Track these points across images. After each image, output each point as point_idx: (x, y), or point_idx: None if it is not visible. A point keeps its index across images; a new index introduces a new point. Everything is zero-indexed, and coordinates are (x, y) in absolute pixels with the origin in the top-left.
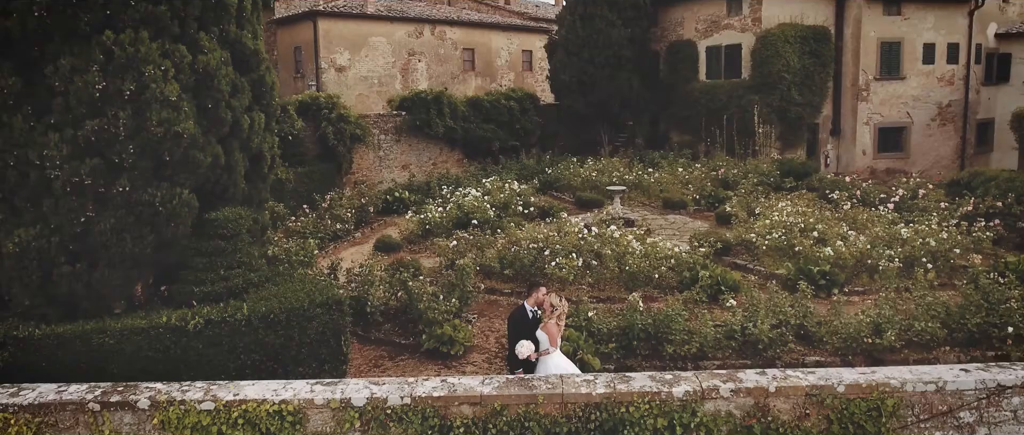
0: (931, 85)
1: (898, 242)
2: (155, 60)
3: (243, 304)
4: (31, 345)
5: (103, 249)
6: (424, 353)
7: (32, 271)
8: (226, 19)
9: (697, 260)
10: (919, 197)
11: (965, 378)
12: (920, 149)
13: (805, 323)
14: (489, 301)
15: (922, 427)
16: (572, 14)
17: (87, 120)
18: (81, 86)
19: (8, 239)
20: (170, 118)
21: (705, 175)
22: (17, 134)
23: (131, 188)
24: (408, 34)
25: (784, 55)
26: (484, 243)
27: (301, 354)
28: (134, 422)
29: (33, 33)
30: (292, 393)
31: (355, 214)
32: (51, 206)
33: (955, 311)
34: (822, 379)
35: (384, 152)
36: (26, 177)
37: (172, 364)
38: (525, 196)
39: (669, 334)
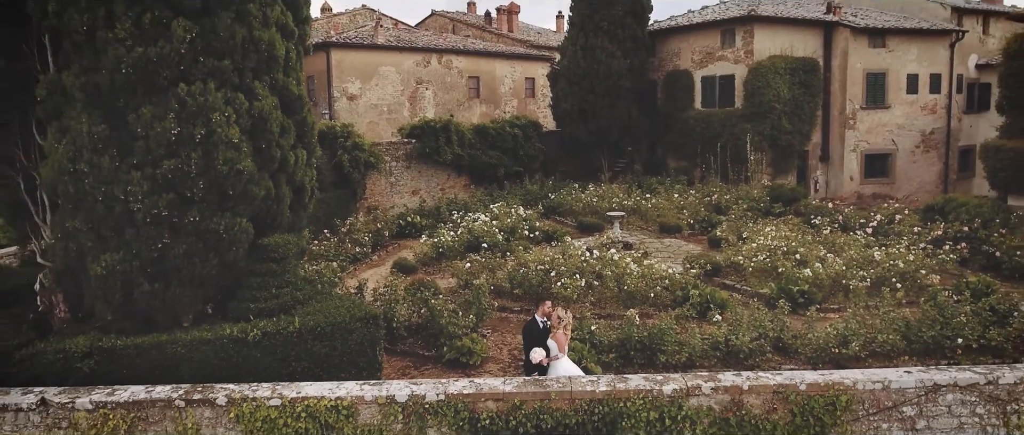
0: (915, 114)
1: (870, 264)
2: (220, 107)
3: (295, 318)
4: (114, 354)
5: (176, 271)
6: (445, 363)
7: (115, 290)
8: (275, 69)
9: (689, 281)
10: (895, 222)
11: (907, 379)
12: (905, 175)
13: (782, 336)
14: (501, 318)
15: (871, 419)
16: (574, 45)
17: (164, 160)
18: (160, 131)
19: (96, 263)
20: (233, 158)
21: (699, 201)
22: (105, 173)
23: (200, 218)
24: (416, 63)
25: (775, 86)
26: (495, 265)
27: (343, 362)
28: (213, 416)
29: (120, 87)
30: (345, 391)
31: (372, 238)
32: (133, 234)
33: (914, 325)
34: (788, 379)
35: (395, 178)
36: (112, 210)
37: (234, 370)
38: (531, 221)
39: (662, 346)
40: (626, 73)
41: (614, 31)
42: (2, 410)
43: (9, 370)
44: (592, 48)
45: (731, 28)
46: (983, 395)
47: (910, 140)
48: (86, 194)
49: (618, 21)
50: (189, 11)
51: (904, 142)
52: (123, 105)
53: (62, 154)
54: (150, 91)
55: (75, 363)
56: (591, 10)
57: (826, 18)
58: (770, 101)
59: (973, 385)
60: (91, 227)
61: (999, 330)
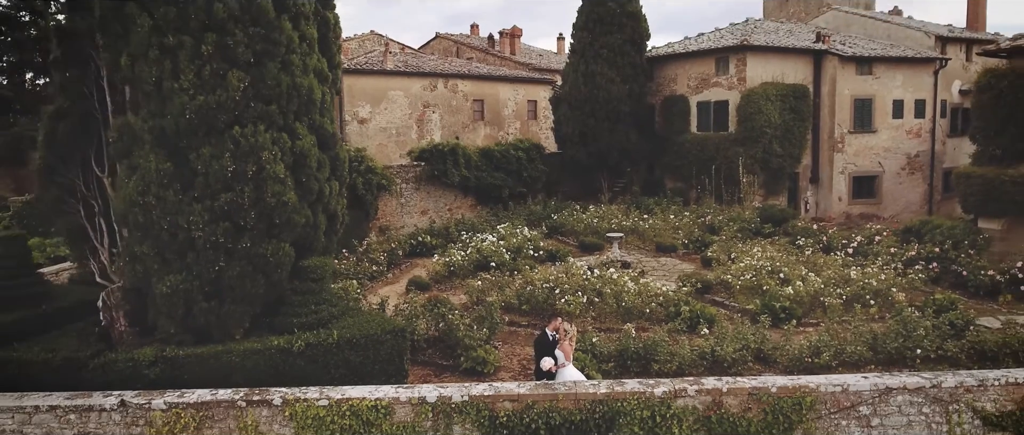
0: (900, 137)
1: (846, 283)
2: (268, 147)
3: (333, 331)
4: (177, 362)
5: (230, 290)
6: (462, 371)
7: (178, 307)
8: (313, 111)
9: (681, 298)
10: (875, 243)
11: (863, 383)
12: (891, 195)
13: (762, 347)
14: (510, 331)
15: (832, 417)
16: (575, 71)
17: (221, 193)
18: (217, 168)
19: (161, 284)
20: (279, 191)
21: (693, 222)
22: (170, 205)
23: (251, 244)
24: (423, 88)
25: (766, 112)
26: (504, 283)
27: (374, 369)
28: (269, 415)
29: (183, 130)
30: (383, 393)
31: (387, 257)
32: (193, 258)
33: (880, 337)
34: (761, 383)
35: (405, 199)
36: (176, 237)
37: (280, 376)
38: (535, 241)
39: (655, 355)
40: (625, 98)
41: (614, 58)
42: (88, 410)
43: (84, 377)
44: (593, 74)
45: (725, 56)
46: (929, 397)
47: (896, 162)
48: (153, 223)
49: (618, 49)
50: (242, 63)
51: (890, 164)
52: (185, 146)
53: (132, 188)
54: (209, 133)
55: (143, 370)
56: (592, 38)
57: (816, 47)
58: (762, 126)
59: (920, 388)
60: (157, 252)
61: (955, 342)
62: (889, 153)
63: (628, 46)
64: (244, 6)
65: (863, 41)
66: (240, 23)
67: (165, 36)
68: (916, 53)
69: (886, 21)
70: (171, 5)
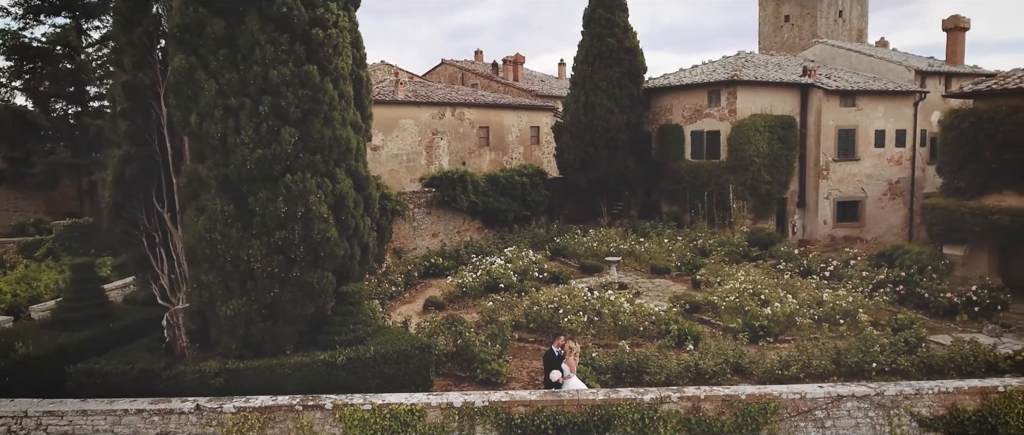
0: (882, 165)
1: (819, 304)
2: (314, 191)
3: (370, 346)
4: (238, 373)
5: (282, 312)
6: (478, 382)
7: (239, 327)
8: (350, 157)
9: (671, 317)
10: (850, 267)
11: (818, 391)
12: (874, 219)
13: (740, 361)
14: (520, 347)
15: (792, 420)
16: (576, 102)
17: (276, 231)
18: (272, 210)
19: (225, 307)
20: (324, 228)
21: (685, 245)
22: (233, 241)
23: (300, 273)
24: (432, 116)
25: (755, 142)
26: (512, 303)
27: (405, 380)
28: (321, 417)
29: (244, 177)
30: (416, 399)
31: (404, 278)
32: (252, 286)
33: (843, 353)
34: (733, 391)
35: (417, 223)
36: (238, 268)
37: (326, 385)
38: (540, 264)
39: (647, 368)
40: (623, 127)
41: (612, 90)
42: (168, 413)
43: (157, 386)
44: (592, 105)
45: (717, 89)
46: (873, 403)
47: (878, 188)
48: (218, 256)
49: (616, 81)
50: (293, 120)
51: (873, 190)
52: (246, 191)
53: (200, 226)
54: (265, 180)
55: (209, 380)
56: (592, 71)
57: (802, 81)
58: (751, 155)
59: (866, 396)
60: (221, 280)
61: (907, 357)
62: (872, 180)
63: (626, 79)
64: (295, 72)
65: (848, 74)
66: (291, 86)
67: (229, 98)
68: (897, 86)
69: (869, 55)
70: (234, 73)
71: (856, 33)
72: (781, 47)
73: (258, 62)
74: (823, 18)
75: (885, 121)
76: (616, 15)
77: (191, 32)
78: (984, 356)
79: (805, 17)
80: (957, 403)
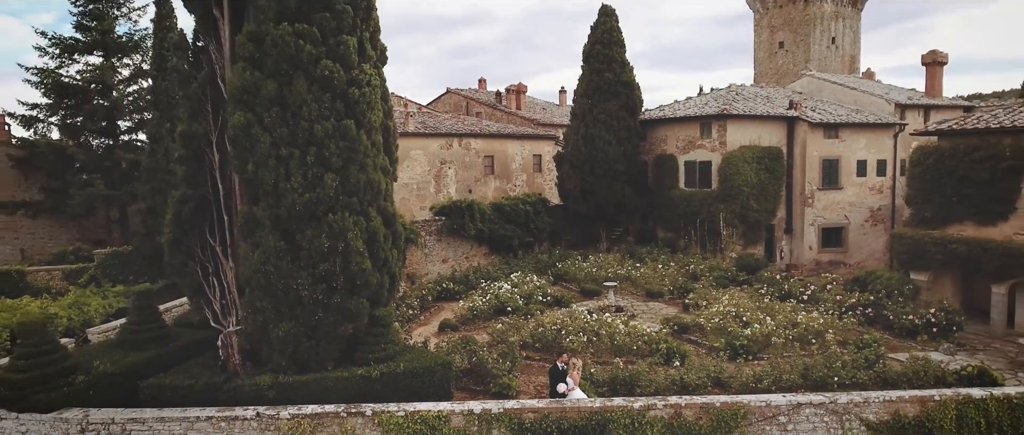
0: (864, 193)
1: (794, 325)
2: (351, 228)
3: (400, 363)
4: (287, 386)
5: (325, 334)
6: (491, 394)
7: (288, 346)
8: (380, 198)
9: (661, 338)
10: (826, 291)
11: (781, 400)
12: (856, 245)
13: (720, 376)
14: (527, 364)
15: (759, 425)
16: (576, 134)
17: (320, 264)
18: (317, 245)
19: (277, 329)
20: (360, 261)
21: (678, 271)
22: (283, 272)
23: (340, 300)
24: (440, 146)
25: (744, 172)
26: (520, 325)
27: (429, 393)
28: (363, 422)
29: (293, 217)
30: (442, 407)
31: (419, 302)
32: (300, 311)
33: (810, 368)
34: (709, 400)
35: (429, 249)
36: (288, 295)
37: (362, 396)
38: (544, 288)
39: (638, 382)
40: (621, 158)
41: (611, 122)
42: (233, 419)
43: (218, 397)
44: (592, 137)
45: (708, 122)
46: (828, 409)
47: (860, 215)
48: (271, 285)
49: (614, 114)
50: (334, 167)
51: (855, 217)
52: (294, 229)
53: (256, 259)
54: (311, 219)
55: (263, 392)
56: (591, 104)
57: (788, 114)
58: (739, 185)
59: (822, 404)
60: (274, 306)
61: (866, 372)
62: (854, 207)
63: (623, 111)
64: (335, 126)
65: (832, 106)
66: (333, 138)
67: (280, 149)
68: (878, 119)
69: (853, 88)
70: (285, 127)
71: (848, 59)
72: (776, 72)
73: (305, 118)
74: (816, 45)
75: (867, 152)
76: (614, 51)
77: (248, 92)
78: (934, 371)
79: (799, 44)
80: (900, 410)
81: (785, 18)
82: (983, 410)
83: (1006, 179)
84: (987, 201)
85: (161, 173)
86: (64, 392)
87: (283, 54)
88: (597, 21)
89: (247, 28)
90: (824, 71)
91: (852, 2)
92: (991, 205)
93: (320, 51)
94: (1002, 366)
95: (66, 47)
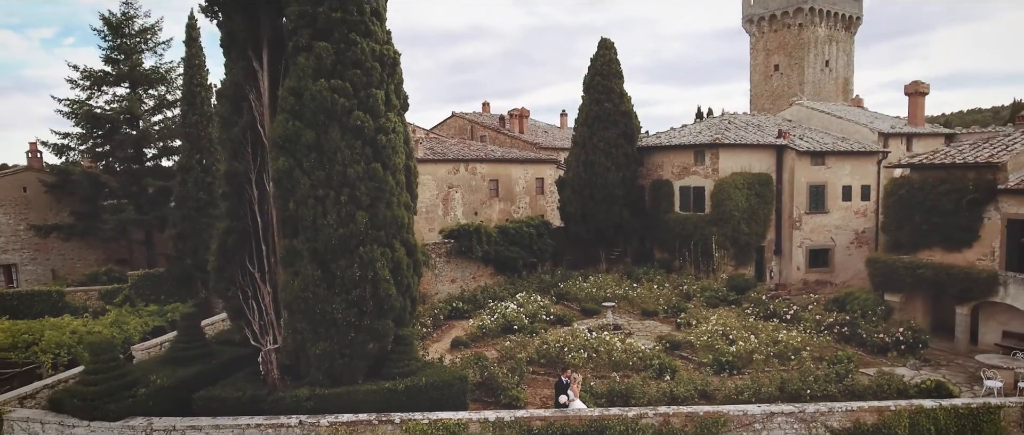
0: (849, 217)
1: (775, 343)
2: (379, 258)
3: (422, 377)
4: (323, 398)
5: (356, 351)
6: (501, 405)
7: (324, 363)
8: (404, 231)
9: (654, 354)
10: (807, 310)
11: (757, 409)
12: (842, 265)
13: (706, 388)
14: (532, 378)
15: (737, 431)
16: (577, 160)
17: (352, 290)
18: (349, 274)
19: (314, 347)
20: (386, 288)
21: (672, 291)
22: (321, 297)
23: (369, 322)
24: (448, 171)
25: (735, 198)
26: (525, 343)
27: (447, 404)
28: (392, 429)
29: (329, 250)
30: (462, 415)
31: (432, 320)
32: (334, 331)
33: (786, 382)
34: (693, 409)
35: (438, 270)
36: (324, 318)
37: (389, 406)
38: (547, 308)
39: (633, 394)
40: (619, 183)
41: (609, 149)
42: (278, 426)
43: (263, 408)
44: (592, 163)
45: (702, 150)
46: (797, 418)
47: (845, 238)
48: (310, 309)
49: (613, 142)
50: (364, 205)
51: (841, 239)
52: (330, 259)
53: (296, 286)
54: (344, 251)
55: (302, 403)
56: (591, 133)
57: (777, 143)
58: (731, 209)
59: (792, 413)
60: (312, 327)
61: (836, 385)
62: (840, 230)
63: (622, 139)
64: (365, 169)
65: (820, 134)
66: (363, 180)
67: (318, 190)
68: (862, 147)
69: (839, 117)
70: (322, 171)
71: (842, 81)
72: (771, 94)
73: (339, 162)
74: (810, 68)
75: (851, 178)
76: (612, 82)
77: (290, 140)
78: (896, 384)
79: (793, 67)
80: (860, 418)
81: (780, 42)
82: (933, 419)
83: (969, 210)
84: (953, 230)
85: (190, 201)
86: (129, 402)
87: (320, 107)
88: (596, 54)
89: (288, 83)
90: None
91: (845, 26)
92: (956, 233)
93: (352, 103)
94: (961, 380)
95: (96, 79)
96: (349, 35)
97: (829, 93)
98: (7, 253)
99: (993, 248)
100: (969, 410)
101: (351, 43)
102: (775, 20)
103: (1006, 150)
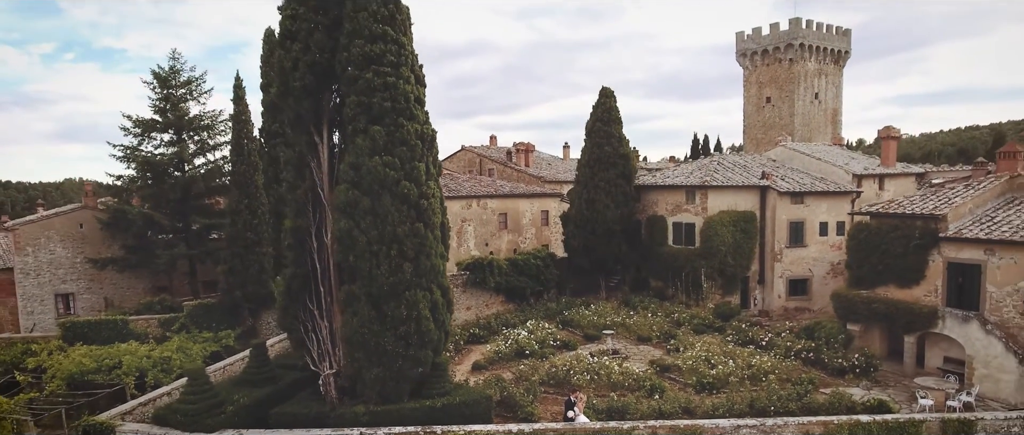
0: (825, 250)
1: (750, 366)
2: (422, 302)
3: (455, 397)
4: (376, 414)
5: (402, 376)
6: (519, 419)
7: (377, 385)
8: (440, 276)
9: (647, 376)
10: (780, 337)
11: (727, 423)
12: (819, 294)
13: (689, 406)
14: (544, 397)
15: None
16: (579, 198)
17: (400, 326)
18: (398, 314)
19: (369, 373)
20: (427, 324)
21: (664, 319)
22: (375, 333)
23: (413, 351)
24: (462, 207)
25: (722, 234)
26: (537, 366)
27: (476, 419)
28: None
29: (380, 295)
30: (491, 428)
31: (454, 345)
32: (385, 359)
33: (755, 400)
34: (676, 422)
35: (455, 299)
36: (378, 348)
37: (429, 421)
38: (553, 334)
39: (627, 410)
40: (618, 219)
41: (609, 188)
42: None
43: (326, 422)
44: (593, 201)
45: (693, 190)
46: (760, 430)
47: (822, 269)
48: (366, 342)
49: (612, 181)
50: (410, 257)
51: (818, 270)
52: (382, 301)
53: (355, 324)
54: (394, 296)
55: (359, 418)
56: (592, 173)
57: (760, 184)
58: (718, 245)
59: (755, 426)
60: (366, 356)
61: (796, 403)
62: (817, 262)
63: (620, 179)
64: (411, 228)
65: (800, 175)
66: (408, 237)
67: (372, 246)
68: (838, 187)
69: (818, 159)
70: (375, 230)
71: (831, 112)
72: (763, 125)
73: (389, 223)
74: (800, 100)
75: (828, 215)
76: (612, 128)
77: (350, 205)
78: (847, 402)
79: (784, 99)
80: (809, 430)
81: (772, 75)
82: (868, 430)
83: (917, 253)
84: (903, 270)
85: (240, 240)
86: (221, 418)
87: (375, 178)
88: (598, 102)
89: (348, 158)
90: (808, 124)
91: (834, 60)
92: (906, 273)
93: (400, 175)
94: (903, 399)
95: (147, 127)
96: (397, 120)
97: (818, 124)
98: (66, 283)
99: (936, 286)
100: (898, 424)
101: (398, 126)
102: (767, 55)
103: (948, 203)
